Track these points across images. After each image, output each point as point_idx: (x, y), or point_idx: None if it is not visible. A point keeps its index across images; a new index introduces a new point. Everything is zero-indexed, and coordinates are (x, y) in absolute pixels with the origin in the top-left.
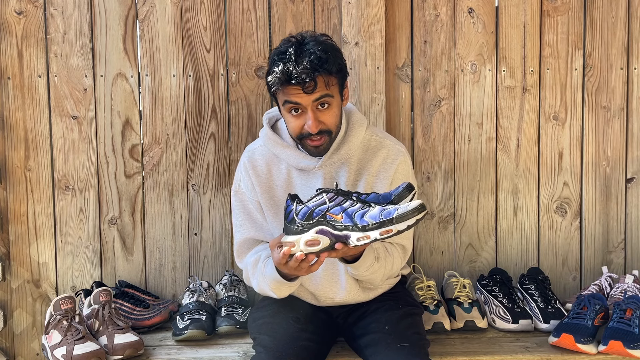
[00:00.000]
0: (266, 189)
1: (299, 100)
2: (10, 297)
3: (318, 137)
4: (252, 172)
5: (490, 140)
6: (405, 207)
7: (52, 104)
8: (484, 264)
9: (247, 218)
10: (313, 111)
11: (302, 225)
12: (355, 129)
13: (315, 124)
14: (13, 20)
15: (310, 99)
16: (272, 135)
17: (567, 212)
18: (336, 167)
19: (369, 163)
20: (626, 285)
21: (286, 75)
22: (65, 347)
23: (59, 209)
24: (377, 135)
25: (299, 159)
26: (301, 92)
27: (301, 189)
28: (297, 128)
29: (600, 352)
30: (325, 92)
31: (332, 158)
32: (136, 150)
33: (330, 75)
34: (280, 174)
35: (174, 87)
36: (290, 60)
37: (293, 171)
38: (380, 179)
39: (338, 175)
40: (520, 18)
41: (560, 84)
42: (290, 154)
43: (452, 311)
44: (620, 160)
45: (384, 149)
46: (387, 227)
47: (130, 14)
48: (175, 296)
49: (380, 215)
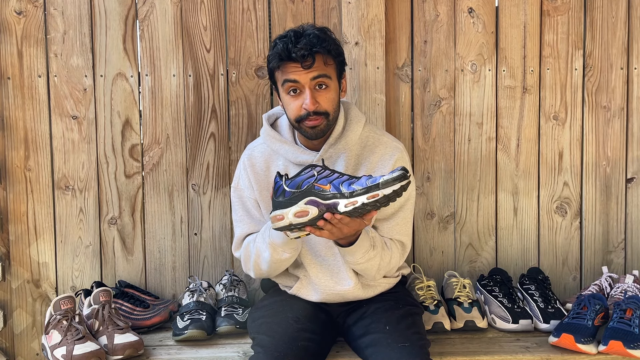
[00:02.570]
0: (264, 187)
1: (297, 78)
2: (10, 297)
3: (315, 117)
4: (250, 170)
5: (491, 140)
6: (390, 174)
7: (52, 104)
8: (484, 264)
9: (245, 214)
10: (311, 90)
11: (291, 197)
12: (353, 125)
13: (312, 102)
14: (13, 20)
15: (308, 76)
16: (271, 131)
17: (567, 212)
18: (333, 161)
19: (366, 159)
20: (626, 285)
21: (286, 52)
22: (65, 347)
23: (59, 209)
24: (375, 133)
25: (297, 154)
26: (300, 69)
27: None
28: (296, 109)
29: (600, 352)
30: (322, 72)
31: (329, 152)
32: (136, 150)
33: (329, 55)
34: (278, 168)
35: (174, 87)
36: (290, 41)
37: (290, 167)
38: (377, 173)
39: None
40: (520, 18)
41: (561, 84)
42: (289, 149)
43: (452, 311)
44: (621, 160)
45: (382, 145)
46: (373, 192)
47: (130, 14)
48: (175, 296)
49: (366, 182)
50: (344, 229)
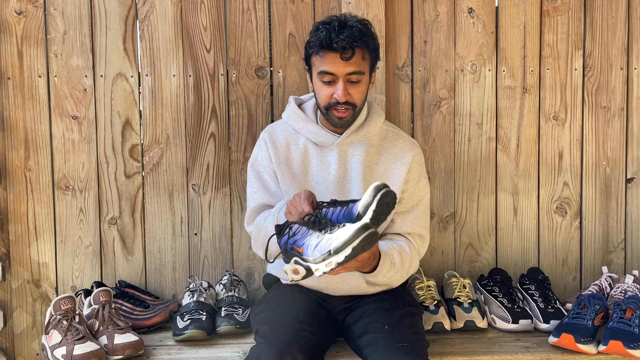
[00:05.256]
0: (283, 161)
1: (334, 70)
2: (10, 297)
3: (344, 107)
4: (270, 144)
5: (490, 140)
6: (346, 232)
7: (52, 104)
8: (484, 264)
9: (261, 186)
10: (344, 82)
11: (285, 256)
12: (375, 117)
13: (344, 93)
14: (13, 20)
15: (345, 70)
16: (297, 110)
17: (567, 212)
18: (353, 147)
19: (386, 150)
20: (626, 285)
21: (328, 40)
22: (65, 347)
23: (59, 209)
24: (394, 128)
25: (319, 134)
26: (338, 60)
27: (316, 164)
28: (327, 96)
29: (600, 352)
30: (359, 68)
31: (351, 137)
32: (136, 150)
33: (367, 50)
34: (297, 149)
35: (174, 87)
36: (333, 29)
37: (310, 146)
38: (397, 165)
39: (354, 154)
40: (520, 18)
41: (560, 84)
42: (311, 129)
43: (452, 311)
44: (620, 160)
45: (401, 140)
46: (328, 260)
47: (130, 14)
48: (175, 296)
49: (325, 246)
50: (350, 268)
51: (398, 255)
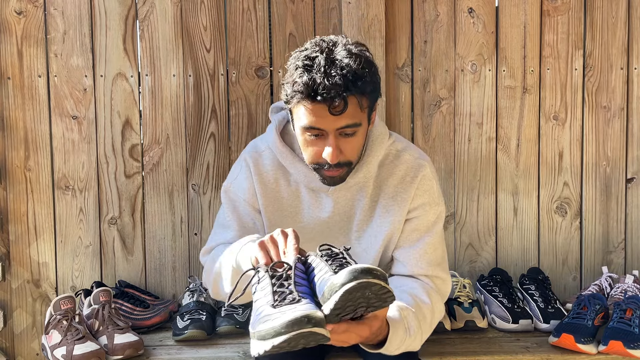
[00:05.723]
0: (271, 201)
1: (321, 126)
2: (10, 297)
3: (335, 168)
4: (257, 178)
5: (491, 140)
6: (282, 317)
7: (52, 104)
8: (484, 264)
9: (236, 221)
10: (335, 138)
11: None
12: (375, 148)
13: (335, 154)
14: (13, 20)
15: (335, 125)
16: (282, 147)
17: (567, 212)
18: (352, 192)
19: (384, 183)
20: (626, 285)
21: (311, 89)
22: (65, 347)
23: (58, 209)
24: (395, 147)
25: (311, 179)
26: (326, 113)
27: (309, 208)
28: (314, 155)
29: (600, 352)
30: (353, 121)
31: (348, 182)
32: (136, 150)
33: (363, 96)
34: (288, 188)
35: (174, 87)
36: (318, 70)
37: (302, 187)
38: (397, 201)
39: (354, 200)
40: (520, 18)
41: (561, 84)
42: (301, 172)
43: (452, 311)
44: (621, 160)
45: (402, 165)
46: (257, 342)
47: (130, 14)
48: (175, 296)
49: (259, 321)
50: (336, 343)
51: (414, 318)
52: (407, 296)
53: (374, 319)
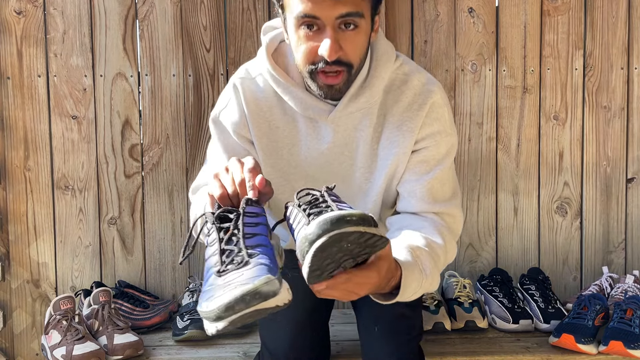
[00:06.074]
0: (265, 132)
1: (318, 13)
2: (9, 297)
3: (334, 70)
4: (248, 108)
5: (491, 140)
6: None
7: (52, 104)
8: (485, 264)
9: (226, 154)
10: (333, 30)
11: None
12: (380, 68)
13: (335, 48)
14: (13, 20)
15: (334, 12)
16: (274, 69)
17: (567, 212)
18: (354, 121)
19: (389, 112)
20: (627, 285)
21: None
22: (64, 347)
23: (58, 209)
24: (404, 72)
25: (307, 105)
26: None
27: (307, 139)
28: (309, 53)
29: (600, 352)
30: (354, 8)
31: (349, 107)
32: (136, 150)
33: None
34: (284, 117)
35: (174, 87)
36: None
37: (298, 115)
38: (403, 131)
39: (355, 128)
40: (520, 18)
41: (561, 84)
42: (297, 97)
43: (452, 311)
44: (621, 160)
45: (410, 91)
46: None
47: (130, 14)
48: (175, 296)
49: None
50: (343, 298)
51: (428, 257)
52: (417, 236)
53: (379, 260)
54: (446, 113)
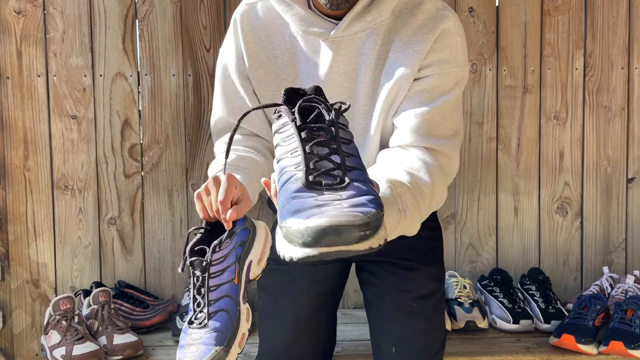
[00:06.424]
0: (261, 62)
1: None
2: (9, 298)
3: None
4: (244, 36)
5: (491, 140)
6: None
7: (52, 104)
8: (485, 264)
9: (223, 97)
10: None
11: None
12: None
13: None
14: (12, 20)
15: None
16: None
17: (567, 212)
18: (357, 43)
19: (396, 35)
20: (627, 285)
21: None
22: (64, 347)
23: (58, 209)
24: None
25: (309, 22)
26: None
27: (306, 65)
28: None
29: (601, 352)
30: None
31: (353, 26)
32: (135, 150)
33: None
34: (283, 42)
35: (174, 87)
36: None
37: (298, 39)
38: (407, 55)
39: (358, 55)
40: (520, 17)
41: (561, 84)
42: (298, 14)
43: (452, 311)
44: (621, 160)
45: (421, 14)
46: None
47: (129, 14)
48: (175, 296)
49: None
50: None
51: (410, 197)
52: (402, 172)
53: None
54: (459, 42)
